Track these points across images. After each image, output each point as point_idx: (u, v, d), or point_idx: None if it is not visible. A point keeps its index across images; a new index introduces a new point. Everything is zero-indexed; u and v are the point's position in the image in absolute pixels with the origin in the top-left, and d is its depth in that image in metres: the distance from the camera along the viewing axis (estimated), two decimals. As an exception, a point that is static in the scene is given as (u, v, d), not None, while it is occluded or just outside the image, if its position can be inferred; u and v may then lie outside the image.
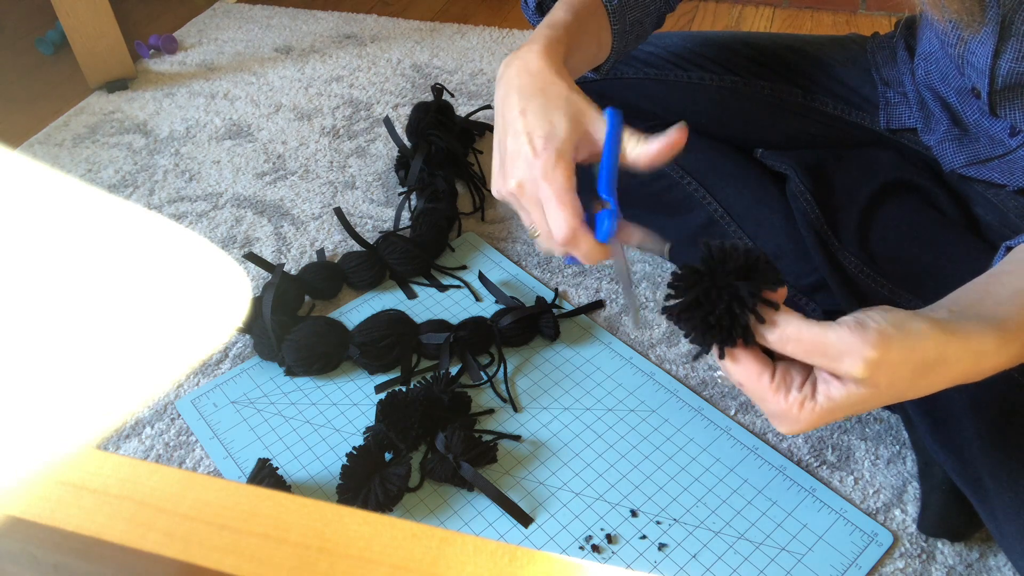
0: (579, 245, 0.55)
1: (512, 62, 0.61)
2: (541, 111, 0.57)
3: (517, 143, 0.57)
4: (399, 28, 1.53)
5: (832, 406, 0.47)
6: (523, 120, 0.57)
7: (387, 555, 0.24)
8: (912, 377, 0.45)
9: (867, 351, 0.44)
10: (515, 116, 0.58)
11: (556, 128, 0.57)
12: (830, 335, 0.45)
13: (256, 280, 0.95)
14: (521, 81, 0.59)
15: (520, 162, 0.57)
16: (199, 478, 0.26)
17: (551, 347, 0.84)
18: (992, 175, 0.73)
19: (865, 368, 0.44)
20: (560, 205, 0.55)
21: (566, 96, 0.58)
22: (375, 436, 0.73)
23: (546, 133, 0.56)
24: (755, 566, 0.64)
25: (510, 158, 0.58)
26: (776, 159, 0.85)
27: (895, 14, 1.48)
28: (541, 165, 0.55)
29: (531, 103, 0.58)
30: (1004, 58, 0.63)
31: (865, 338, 0.44)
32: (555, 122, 0.57)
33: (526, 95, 0.58)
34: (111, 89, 1.36)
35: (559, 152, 0.56)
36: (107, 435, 0.78)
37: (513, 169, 0.57)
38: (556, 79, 0.59)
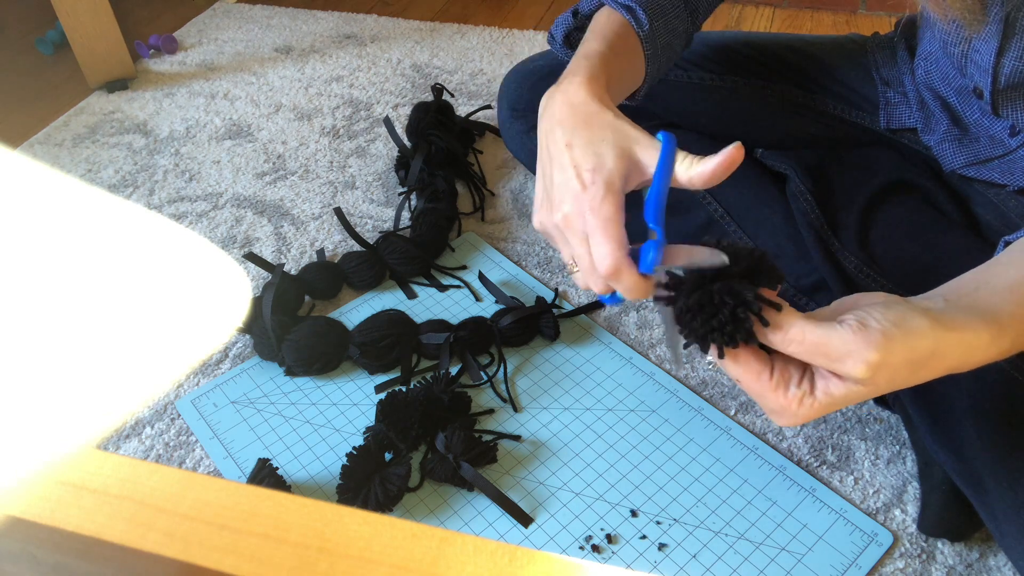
0: (622, 279, 0.54)
1: (554, 95, 0.60)
2: (587, 143, 0.56)
3: (564, 176, 0.56)
4: (399, 28, 1.53)
5: (830, 402, 0.47)
6: (569, 153, 0.56)
7: (387, 555, 0.24)
8: (908, 373, 0.46)
9: (870, 354, 0.44)
10: (560, 149, 0.57)
11: (604, 160, 0.55)
12: (833, 337, 0.45)
13: (256, 280, 0.95)
14: (564, 113, 0.58)
15: (568, 195, 0.56)
16: (199, 478, 0.26)
17: (551, 347, 0.84)
18: (992, 175, 0.73)
19: (867, 370, 0.45)
20: (605, 237, 0.53)
21: (612, 125, 0.57)
22: (375, 436, 0.73)
23: (594, 166, 0.55)
24: (755, 566, 0.64)
25: (557, 191, 0.57)
26: (776, 159, 0.85)
27: (895, 14, 1.48)
28: (589, 199, 0.54)
29: (577, 136, 0.57)
30: (1008, 56, 0.63)
31: (868, 340, 0.44)
32: (602, 153, 0.56)
33: (570, 127, 0.57)
34: (111, 89, 1.36)
35: (607, 184, 0.54)
36: (107, 435, 0.78)
37: (560, 203, 0.56)
38: (600, 109, 0.58)
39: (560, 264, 0.95)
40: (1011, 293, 0.48)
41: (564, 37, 0.76)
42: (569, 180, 0.56)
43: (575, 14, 0.75)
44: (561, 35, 0.77)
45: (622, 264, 0.53)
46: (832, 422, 0.75)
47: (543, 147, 0.60)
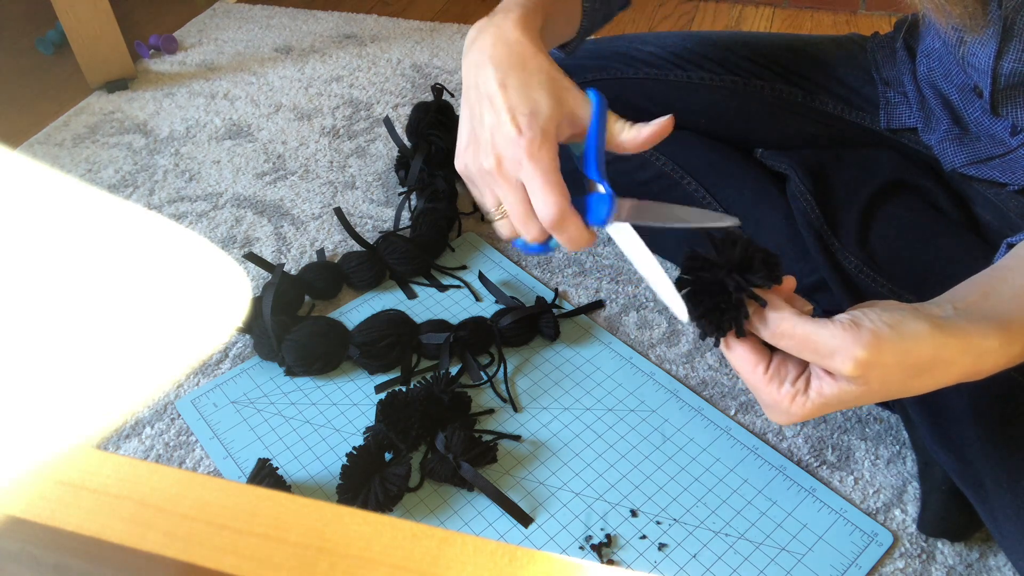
0: (567, 228, 0.53)
1: (486, 28, 0.58)
2: (523, 87, 0.54)
3: (497, 119, 0.54)
4: (399, 28, 1.53)
5: (823, 402, 0.47)
6: (503, 94, 0.54)
7: (387, 555, 0.24)
8: (905, 377, 0.45)
9: (857, 351, 0.44)
10: (494, 89, 0.55)
11: (540, 105, 0.54)
12: (822, 332, 0.45)
13: (256, 280, 0.95)
14: (498, 52, 0.56)
15: (500, 139, 0.54)
16: (199, 478, 0.26)
17: (551, 347, 0.84)
18: (993, 174, 0.73)
19: (855, 367, 0.44)
20: (547, 185, 0.52)
21: (547, 71, 0.55)
22: (375, 436, 0.73)
23: (530, 110, 0.53)
24: (755, 566, 0.64)
25: (487, 133, 0.55)
26: (776, 159, 0.85)
27: (895, 14, 1.48)
28: (526, 144, 0.53)
29: (511, 77, 0.55)
30: (1006, 59, 0.63)
31: (857, 337, 0.44)
32: (538, 99, 0.54)
33: (504, 68, 0.55)
34: (111, 89, 1.36)
35: (544, 131, 0.53)
36: (107, 435, 0.78)
37: (491, 146, 0.54)
38: (537, 53, 0.56)
39: (560, 264, 0.95)
40: (1018, 300, 0.48)
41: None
42: (503, 123, 0.54)
43: None
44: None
45: (567, 213, 0.52)
46: (832, 422, 0.75)
47: (471, 84, 0.57)
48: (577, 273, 0.94)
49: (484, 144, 0.55)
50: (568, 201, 0.53)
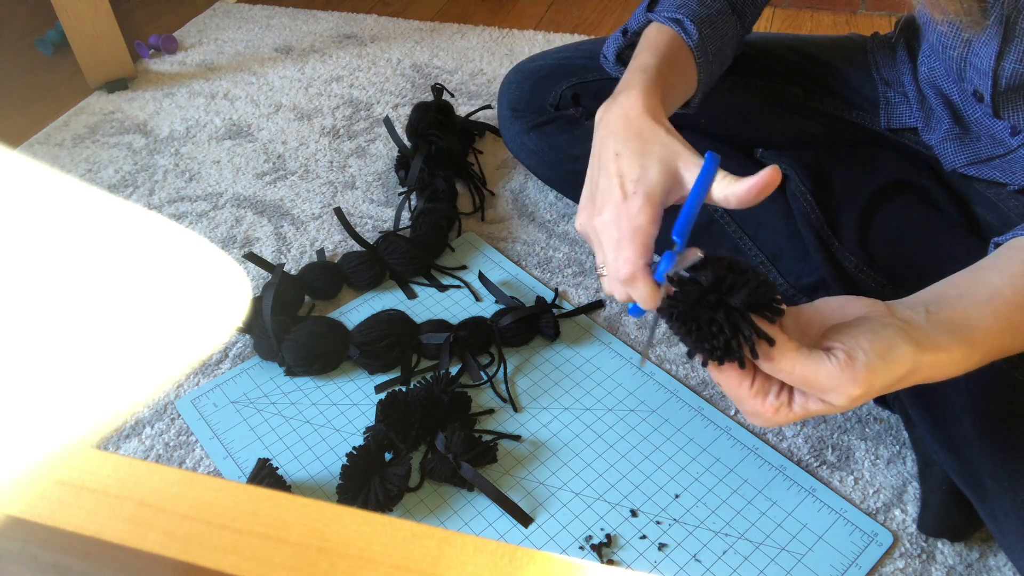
0: (636, 286, 0.54)
1: (611, 107, 0.62)
2: (635, 155, 0.57)
3: (609, 183, 0.58)
4: (399, 28, 1.53)
5: (805, 414, 0.50)
6: (616, 163, 0.58)
7: (387, 555, 0.24)
8: (884, 389, 0.48)
9: (853, 389, 0.47)
10: (609, 158, 0.58)
11: (648, 172, 0.56)
12: (821, 373, 0.47)
13: (256, 280, 0.95)
14: (618, 125, 0.60)
15: (609, 202, 0.57)
16: (199, 478, 0.26)
17: (551, 347, 0.84)
18: (993, 174, 0.73)
19: (849, 402, 0.47)
20: (630, 243, 0.54)
21: (662, 140, 0.58)
22: (375, 436, 0.73)
23: (637, 176, 0.56)
24: (755, 566, 0.64)
25: (600, 196, 0.58)
26: (776, 159, 0.85)
27: (895, 14, 1.48)
28: (627, 207, 0.55)
29: (626, 146, 0.58)
30: (1008, 59, 0.63)
31: (853, 376, 0.46)
32: (648, 166, 0.57)
33: (622, 139, 0.59)
34: (111, 89, 1.36)
35: (648, 196, 0.55)
36: (107, 435, 0.78)
37: (602, 208, 0.58)
38: (653, 124, 0.59)
39: (560, 264, 0.95)
40: (990, 305, 0.50)
41: (616, 56, 0.78)
42: (612, 188, 0.57)
43: (624, 32, 0.76)
44: (613, 54, 0.78)
45: (638, 271, 0.54)
46: (832, 422, 0.75)
47: (595, 155, 0.61)
48: (577, 273, 0.94)
49: (597, 206, 0.58)
50: (643, 260, 0.54)
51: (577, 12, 1.58)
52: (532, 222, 1.02)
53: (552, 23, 1.54)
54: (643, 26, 0.73)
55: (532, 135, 0.96)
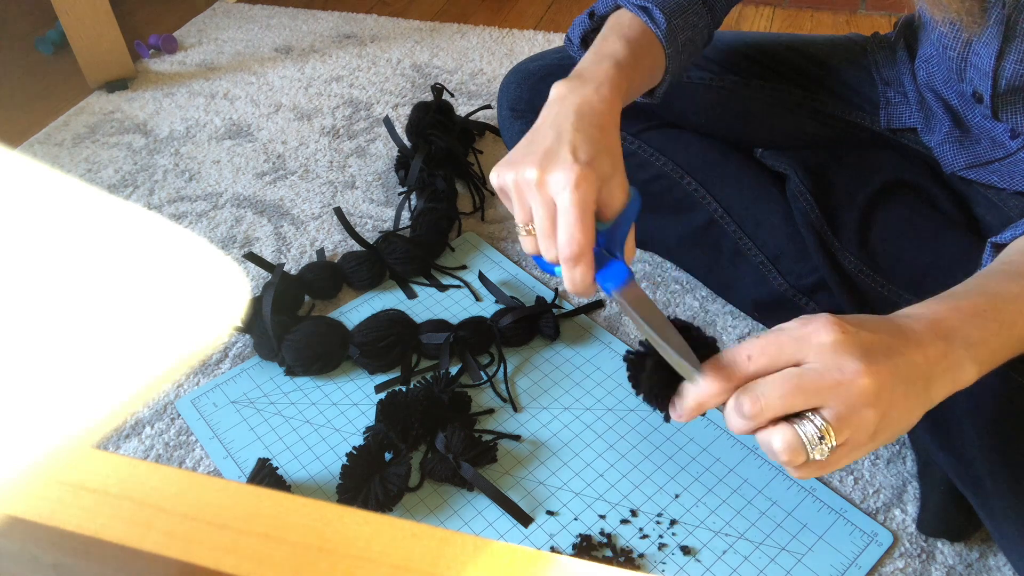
0: (577, 269, 0.54)
1: (575, 90, 0.60)
2: (592, 140, 0.57)
3: (558, 143, 0.56)
4: (399, 28, 1.53)
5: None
6: (573, 133, 0.57)
7: (387, 555, 0.24)
8: (887, 346, 0.46)
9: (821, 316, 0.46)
10: (567, 125, 0.57)
11: (600, 161, 0.56)
12: (783, 329, 0.47)
13: (256, 280, 0.95)
14: (582, 110, 0.59)
15: (553, 159, 0.55)
16: (199, 478, 0.26)
17: (551, 347, 0.84)
18: (992, 178, 0.73)
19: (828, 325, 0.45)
20: (579, 222, 0.53)
21: (615, 148, 0.58)
22: (375, 436, 0.73)
23: (591, 156, 0.56)
24: (755, 566, 0.64)
25: (543, 151, 0.56)
26: (776, 159, 0.85)
27: (895, 14, 1.48)
28: (577, 171, 0.54)
29: (585, 131, 0.57)
30: (1008, 59, 0.63)
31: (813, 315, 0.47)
32: (601, 157, 0.56)
33: (584, 122, 0.58)
34: (111, 89, 1.36)
35: (596, 175, 0.55)
36: (107, 435, 0.78)
37: (542, 163, 0.56)
38: (614, 128, 0.59)
39: (560, 264, 0.95)
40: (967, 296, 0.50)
41: (581, 39, 0.77)
42: (562, 148, 0.56)
43: (591, 16, 0.75)
44: (578, 37, 0.77)
45: (584, 255, 0.54)
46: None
47: (546, 117, 0.60)
48: (577, 273, 0.94)
49: (532, 158, 0.56)
50: (590, 243, 0.54)
51: (577, 12, 1.58)
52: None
53: (552, 23, 1.54)
54: (611, 10, 0.72)
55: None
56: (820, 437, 0.45)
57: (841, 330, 0.45)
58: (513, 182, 0.58)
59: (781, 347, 0.46)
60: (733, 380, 0.47)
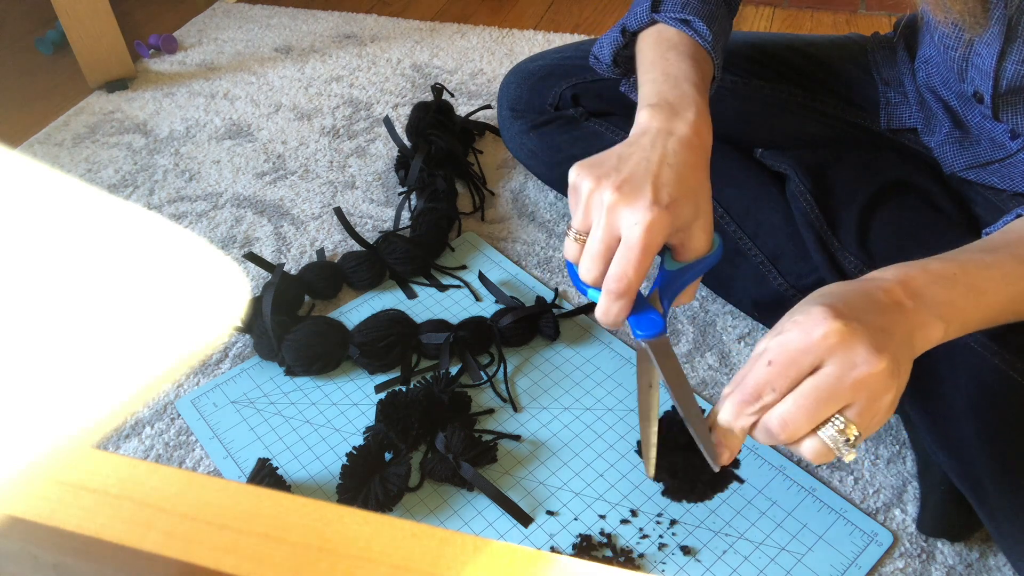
0: (617, 303, 0.54)
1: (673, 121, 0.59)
2: (682, 179, 0.55)
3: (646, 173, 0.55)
4: (399, 28, 1.53)
5: None
6: (661, 168, 0.56)
7: (387, 555, 0.24)
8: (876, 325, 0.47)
9: (814, 304, 0.48)
10: (656, 157, 0.56)
11: (685, 203, 0.55)
12: (789, 349, 0.47)
13: (256, 280, 0.95)
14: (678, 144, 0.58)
15: (636, 191, 0.54)
16: (199, 478, 0.26)
17: (551, 347, 0.84)
18: (992, 179, 0.73)
19: (822, 303, 0.47)
20: (639, 263, 0.53)
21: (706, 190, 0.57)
22: (375, 436, 0.73)
23: (676, 197, 0.54)
24: (755, 566, 0.64)
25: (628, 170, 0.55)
26: (776, 159, 0.85)
27: (895, 14, 1.48)
28: (654, 215, 0.53)
29: (680, 167, 0.56)
30: (1010, 60, 0.63)
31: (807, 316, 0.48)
32: (687, 199, 0.55)
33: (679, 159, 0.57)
34: (111, 89, 1.36)
35: (671, 219, 0.54)
36: (107, 435, 0.78)
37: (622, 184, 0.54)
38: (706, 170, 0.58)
39: (560, 264, 0.95)
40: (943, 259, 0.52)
41: (612, 57, 0.75)
42: (645, 183, 0.54)
43: (623, 32, 0.73)
44: (610, 56, 0.75)
45: (629, 295, 0.54)
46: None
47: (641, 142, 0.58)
48: (577, 273, 0.94)
49: (615, 178, 0.55)
50: (639, 285, 0.54)
51: (577, 12, 1.58)
52: (532, 222, 1.02)
53: (552, 23, 1.54)
54: (645, 25, 0.70)
55: (532, 135, 0.96)
56: (846, 439, 0.46)
57: (845, 325, 0.46)
58: (588, 191, 0.56)
59: (798, 365, 0.47)
60: (763, 413, 0.49)
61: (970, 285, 0.50)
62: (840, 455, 0.47)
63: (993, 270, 0.51)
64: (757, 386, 0.48)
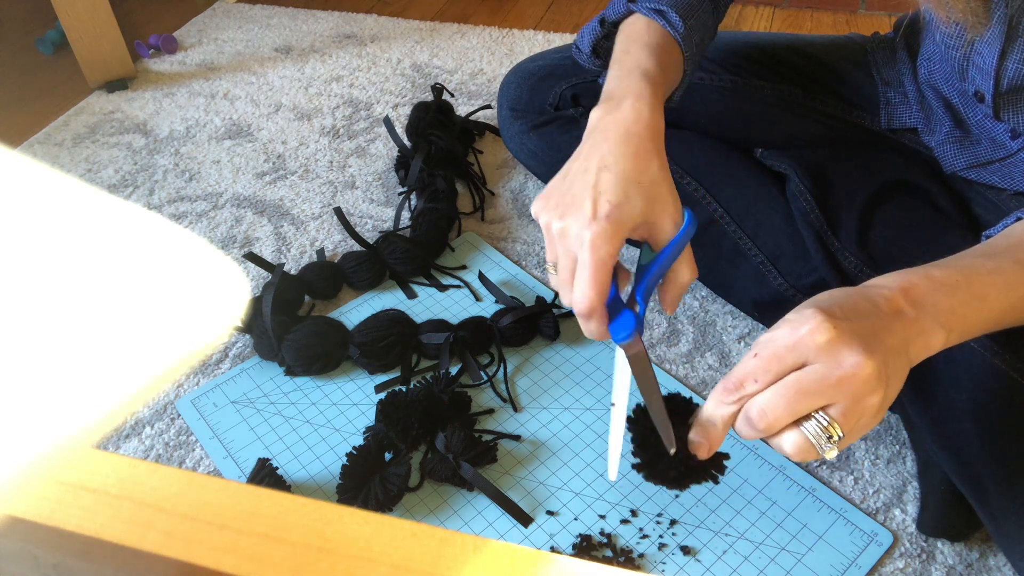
0: (589, 321, 0.55)
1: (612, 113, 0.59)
2: (622, 178, 0.55)
3: (583, 192, 0.55)
4: (399, 28, 1.53)
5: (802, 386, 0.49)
6: (599, 175, 0.56)
7: (387, 555, 0.24)
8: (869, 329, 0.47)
9: (807, 306, 0.48)
10: (594, 164, 0.56)
11: (629, 202, 0.55)
12: (774, 331, 0.48)
13: (256, 280, 0.95)
14: (617, 138, 0.57)
15: (575, 212, 0.55)
16: (199, 478, 0.26)
17: (551, 347, 0.84)
18: (992, 179, 0.73)
19: (816, 311, 0.47)
20: (592, 280, 0.53)
21: (653, 174, 0.56)
22: (375, 436, 0.73)
23: (617, 201, 0.54)
24: (755, 566, 0.64)
25: (568, 199, 0.56)
26: (776, 159, 0.85)
27: (895, 14, 1.48)
28: (594, 231, 0.53)
29: (618, 164, 0.56)
30: (1010, 59, 0.63)
31: (799, 309, 0.48)
32: (631, 195, 0.55)
33: (617, 154, 0.57)
34: (111, 89, 1.36)
35: (618, 226, 0.54)
36: (107, 435, 0.78)
37: (566, 212, 0.56)
38: (651, 149, 0.57)
39: (560, 264, 0.95)
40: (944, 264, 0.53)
41: (592, 48, 0.75)
42: (584, 199, 0.55)
43: (602, 23, 0.73)
44: (588, 46, 0.75)
45: (595, 312, 0.54)
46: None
47: (581, 153, 0.59)
48: (577, 273, 0.93)
49: (563, 207, 0.56)
50: (602, 300, 0.54)
51: (577, 12, 1.58)
52: (532, 222, 1.02)
53: (552, 23, 1.54)
54: (623, 16, 0.70)
55: (532, 135, 0.96)
56: (828, 436, 0.46)
57: (833, 325, 0.46)
58: (546, 224, 0.58)
59: (781, 360, 0.47)
60: (744, 402, 0.49)
61: (972, 292, 0.50)
62: (822, 452, 0.47)
63: (995, 276, 0.51)
64: (740, 376, 0.48)
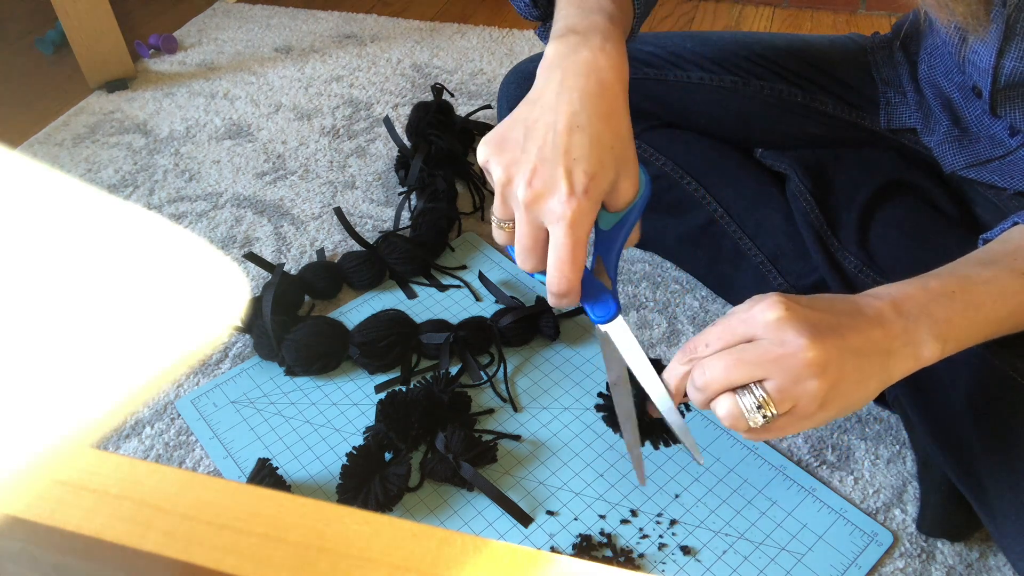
0: (566, 299, 0.54)
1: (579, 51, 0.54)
2: (596, 143, 0.51)
3: (554, 155, 0.51)
4: (399, 28, 1.53)
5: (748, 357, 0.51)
6: (571, 138, 0.51)
7: (387, 555, 0.24)
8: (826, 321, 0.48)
9: (768, 295, 0.49)
10: (563, 122, 0.52)
11: (604, 171, 0.52)
12: (731, 316, 0.50)
13: (256, 280, 0.95)
14: (589, 89, 0.53)
15: (549, 183, 0.51)
16: (199, 478, 0.26)
17: (551, 347, 0.84)
18: (992, 177, 0.73)
19: (778, 304, 0.48)
20: (573, 261, 0.51)
21: (624, 137, 0.53)
22: (375, 436, 0.73)
23: (593, 172, 0.51)
24: (755, 566, 0.64)
25: (533, 152, 0.52)
26: (776, 159, 0.85)
27: (895, 14, 1.48)
28: (573, 210, 0.50)
29: (592, 124, 0.52)
30: (1008, 57, 0.63)
31: (762, 296, 0.49)
32: (605, 163, 0.52)
33: (589, 110, 0.52)
34: (111, 89, 1.36)
35: (595, 201, 0.51)
36: (107, 435, 0.78)
37: (533, 176, 0.51)
38: (623, 111, 0.53)
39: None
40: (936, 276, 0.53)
41: None
42: (556, 166, 0.51)
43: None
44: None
45: (574, 291, 0.53)
46: (832, 423, 0.75)
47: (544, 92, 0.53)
48: (577, 273, 0.93)
49: (526, 163, 0.52)
50: (580, 279, 0.53)
51: (577, 12, 1.58)
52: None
53: (552, 23, 1.54)
54: None
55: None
56: (759, 407, 0.48)
57: (786, 307, 0.48)
58: (501, 183, 0.54)
59: (733, 330, 0.49)
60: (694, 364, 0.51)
61: (968, 302, 0.50)
62: (750, 423, 0.49)
63: (991, 285, 0.51)
64: (696, 341, 0.51)
